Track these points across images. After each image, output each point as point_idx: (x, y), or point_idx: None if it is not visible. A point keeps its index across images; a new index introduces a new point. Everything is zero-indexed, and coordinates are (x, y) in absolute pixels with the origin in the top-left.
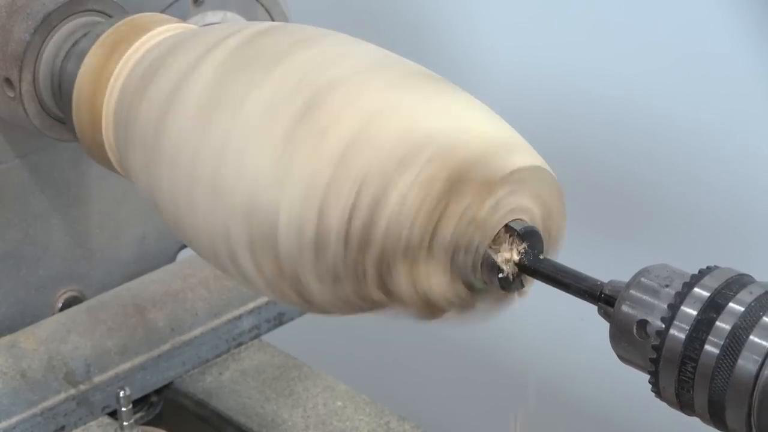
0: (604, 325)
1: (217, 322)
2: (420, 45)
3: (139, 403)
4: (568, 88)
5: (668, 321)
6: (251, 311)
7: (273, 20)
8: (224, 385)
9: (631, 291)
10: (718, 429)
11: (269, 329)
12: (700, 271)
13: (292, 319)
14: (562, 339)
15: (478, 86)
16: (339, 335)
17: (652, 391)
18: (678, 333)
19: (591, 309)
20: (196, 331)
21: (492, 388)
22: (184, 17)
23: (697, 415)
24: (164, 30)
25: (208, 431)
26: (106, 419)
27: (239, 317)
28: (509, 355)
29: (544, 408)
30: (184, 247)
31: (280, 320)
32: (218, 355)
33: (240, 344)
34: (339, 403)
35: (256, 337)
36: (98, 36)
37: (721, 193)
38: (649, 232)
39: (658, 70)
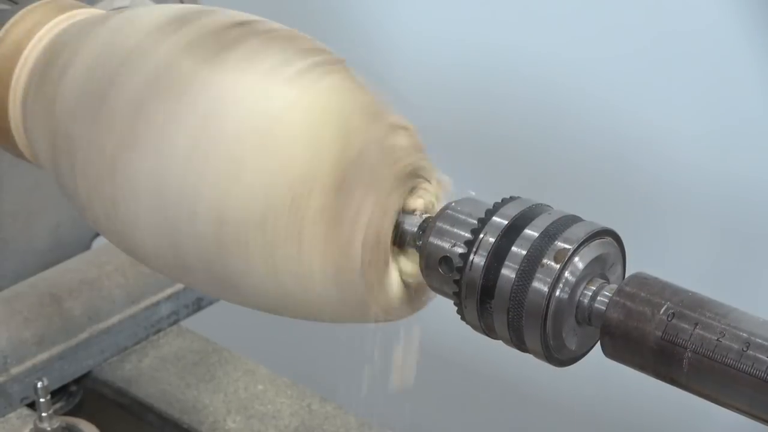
0: None
1: (134, 309)
2: (333, 19)
3: (58, 393)
4: (484, 65)
5: (466, 255)
6: (169, 297)
7: (182, 1)
8: (144, 372)
9: (438, 223)
10: (522, 351)
11: (188, 315)
12: (498, 202)
13: (210, 304)
14: None
15: (392, 61)
16: (258, 318)
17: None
18: (478, 261)
19: None
20: (114, 319)
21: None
22: (91, 2)
23: (501, 339)
24: (70, 16)
25: (129, 419)
26: (25, 410)
27: (157, 303)
28: (433, 332)
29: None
30: (98, 234)
31: (198, 305)
32: (137, 343)
33: (159, 331)
34: (260, 387)
35: (175, 323)
36: (2, 24)
37: (649, 174)
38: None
39: (577, 43)
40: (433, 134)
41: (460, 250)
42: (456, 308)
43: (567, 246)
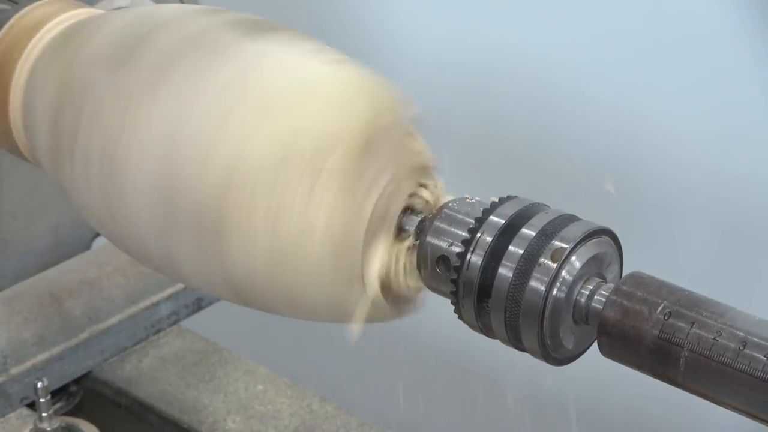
0: None
1: (134, 309)
2: (334, 19)
3: (58, 394)
4: (489, 67)
5: (463, 255)
6: (169, 297)
7: (182, 1)
8: (144, 372)
9: (436, 222)
10: (519, 350)
11: (188, 315)
12: (495, 201)
13: (210, 304)
14: None
15: (395, 61)
16: (258, 318)
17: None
18: (475, 260)
19: None
20: (114, 319)
21: (414, 367)
22: (91, 2)
23: (498, 338)
24: (72, 16)
25: (129, 419)
26: (25, 411)
27: (157, 303)
28: (431, 331)
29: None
30: (98, 234)
31: (198, 305)
32: (137, 343)
33: (159, 331)
34: (260, 387)
35: (175, 323)
36: (3, 23)
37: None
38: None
39: (578, 44)
40: (434, 135)
41: (457, 249)
42: (453, 308)
43: (564, 245)
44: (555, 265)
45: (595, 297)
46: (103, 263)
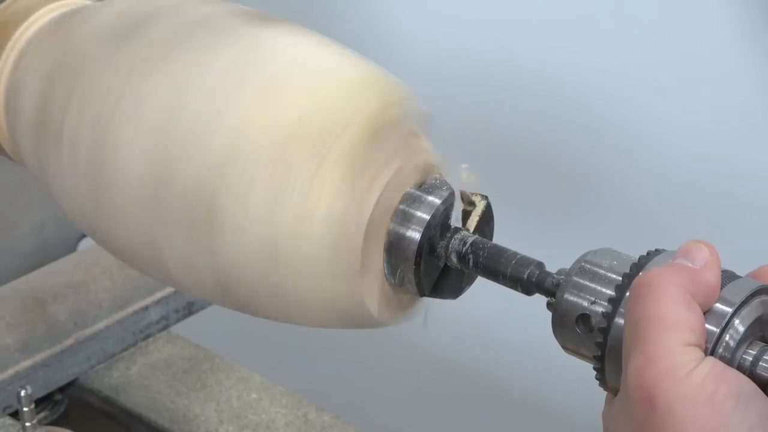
0: (530, 305)
1: (122, 314)
2: (336, 11)
3: (42, 402)
4: (490, 61)
5: (610, 315)
6: (158, 301)
7: None
8: (132, 380)
9: (574, 278)
10: None
11: (178, 320)
12: (644, 256)
13: (201, 308)
14: (487, 319)
15: (397, 56)
16: (251, 324)
17: (598, 383)
18: (621, 322)
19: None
20: (101, 325)
21: (411, 374)
22: None
23: None
24: (57, 7)
25: (117, 429)
26: (8, 420)
27: (146, 308)
28: (428, 338)
29: (469, 391)
30: (84, 236)
31: (189, 310)
32: (125, 349)
33: (148, 336)
34: (254, 396)
35: (165, 328)
36: None
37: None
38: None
39: (583, 39)
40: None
41: (600, 308)
42: (595, 373)
43: (726, 308)
44: (717, 330)
45: (760, 364)
46: (89, 266)
